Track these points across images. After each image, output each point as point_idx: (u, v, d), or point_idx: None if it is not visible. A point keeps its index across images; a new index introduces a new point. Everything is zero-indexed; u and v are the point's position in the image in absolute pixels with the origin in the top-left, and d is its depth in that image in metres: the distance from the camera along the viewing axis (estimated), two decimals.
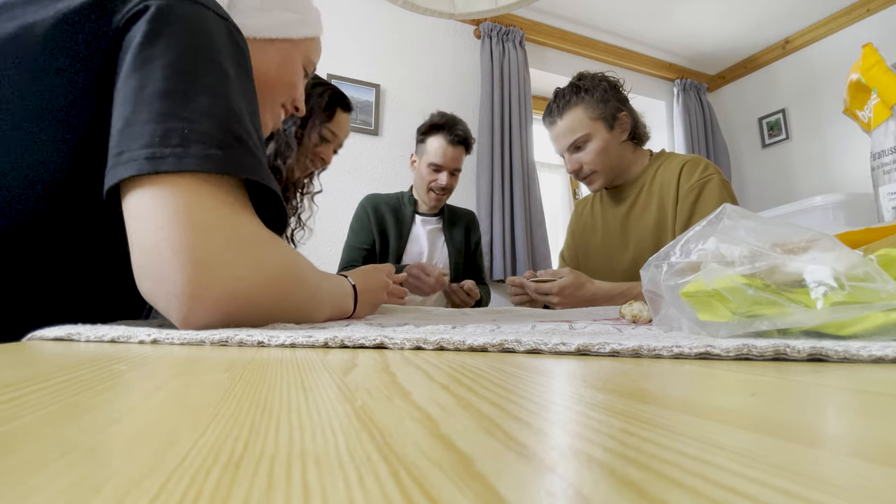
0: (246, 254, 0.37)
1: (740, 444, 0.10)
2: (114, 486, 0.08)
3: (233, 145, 0.37)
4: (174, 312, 0.35)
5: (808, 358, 0.22)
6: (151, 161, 0.34)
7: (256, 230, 0.39)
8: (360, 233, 1.43)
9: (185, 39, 0.39)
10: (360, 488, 0.08)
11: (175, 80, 0.37)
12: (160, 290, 0.35)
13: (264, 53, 0.56)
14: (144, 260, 0.35)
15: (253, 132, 0.41)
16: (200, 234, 0.35)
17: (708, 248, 0.31)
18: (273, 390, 0.16)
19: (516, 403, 0.14)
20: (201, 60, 0.39)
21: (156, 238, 0.34)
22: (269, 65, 0.57)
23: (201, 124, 0.36)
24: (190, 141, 0.35)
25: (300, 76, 0.62)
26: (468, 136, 1.40)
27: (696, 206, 1.01)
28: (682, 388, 0.17)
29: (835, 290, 0.25)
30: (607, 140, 1.10)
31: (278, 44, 0.57)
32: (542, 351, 0.26)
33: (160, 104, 0.36)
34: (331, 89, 1.05)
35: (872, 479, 0.08)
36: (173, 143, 0.35)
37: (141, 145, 0.35)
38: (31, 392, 0.15)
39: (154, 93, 0.36)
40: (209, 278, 0.34)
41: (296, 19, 0.58)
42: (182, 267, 0.34)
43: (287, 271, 0.41)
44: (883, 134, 0.68)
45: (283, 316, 0.40)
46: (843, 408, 0.14)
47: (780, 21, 2.75)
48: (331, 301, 0.49)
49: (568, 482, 0.08)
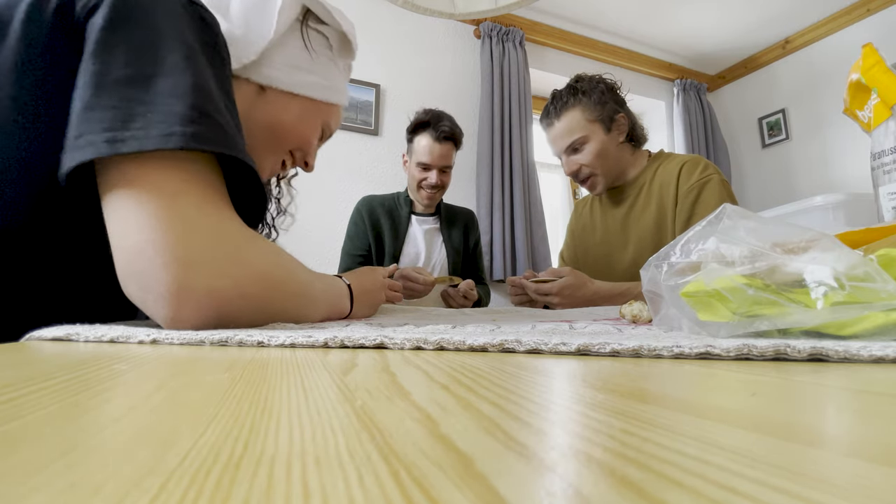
0: (231, 251, 0.37)
1: (740, 444, 0.10)
2: (114, 486, 0.08)
3: (198, 121, 0.36)
4: (161, 312, 0.34)
5: (808, 358, 0.22)
6: (112, 144, 0.33)
7: (239, 227, 0.39)
8: (355, 238, 1.42)
9: (147, 23, 0.39)
10: (360, 488, 0.08)
11: (137, 64, 0.37)
12: (146, 290, 0.34)
13: (286, 105, 0.58)
14: (127, 261, 0.35)
15: (223, 108, 0.40)
16: (183, 233, 0.34)
17: (708, 248, 0.31)
18: (273, 390, 0.16)
19: (516, 403, 0.14)
20: (164, 41, 0.39)
21: (138, 238, 0.34)
22: (288, 115, 0.59)
23: (165, 104, 0.35)
24: (152, 122, 0.35)
25: (316, 135, 0.64)
26: (455, 131, 1.36)
27: (695, 206, 1.01)
28: (683, 388, 0.17)
29: (835, 290, 0.25)
30: (605, 142, 1.10)
31: (301, 100, 0.59)
32: (542, 351, 0.26)
33: (123, 90, 0.35)
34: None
35: (872, 479, 0.08)
36: (136, 126, 0.34)
37: (101, 129, 0.34)
38: (31, 392, 0.15)
39: (117, 78, 0.36)
40: (195, 276, 0.34)
41: (323, 84, 0.61)
42: (166, 265, 0.33)
43: (274, 269, 0.40)
44: (883, 134, 0.68)
45: (274, 315, 0.40)
46: (844, 408, 0.14)
47: (780, 21, 2.75)
48: (325, 300, 0.49)
49: (568, 482, 0.08)
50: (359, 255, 1.40)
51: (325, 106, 0.63)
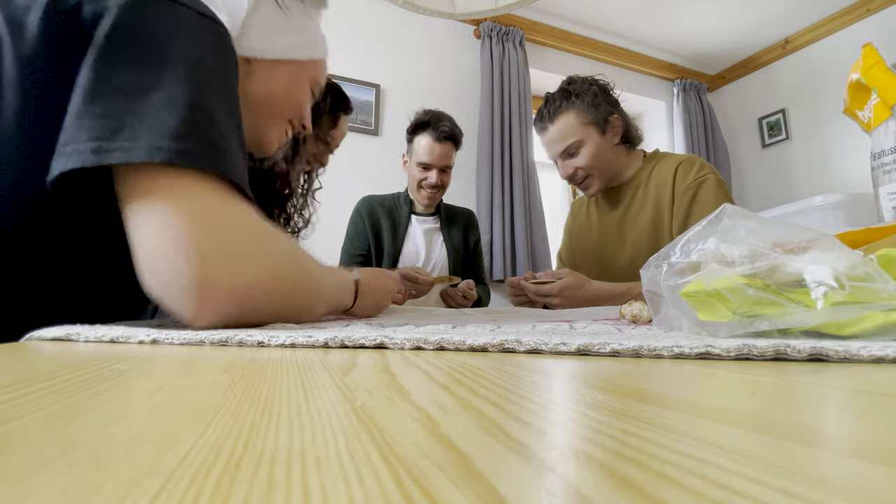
0: (251, 246, 0.37)
1: (740, 444, 0.10)
2: (114, 486, 0.08)
3: (188, 136, 0.36)
4: (184, 309, 0.34)
5: (808, 358, 0.22)
6: (97, 154, 0.33)
7: (259, 222, 0.39)
8: (355, 238, 1.42)
9: (152, 34, 0.39)
10: (360, 488, 0.08)
11: (136, 75, 0.37)
12: (169, 286, 0.34)
13: (273, 74, 0.58)
14: (150, 261, 0.35)
15: (221, 123, 0.40)
16: (204, 229, 0.34)
17: (708, 248, 0.31)
18: (273, 390, 0.16)
19: (516, 403, 0.14)
20: (168, 54, 0.38)
21: (159, 236, 0.34)
22: (278, 84, 0.59)
23: (157, 117, 0.35)
24: (139, 133, 0.34)
25: (307, 96, 0.64)
26: (454, 131, 1.36)
27: (692, 206, 1.01)
28: (683, 388, 0.17)
29: (835, 290, 0.25)
30: (600, 144, 1.10)
31: (286, 65, 0.59)
32: (542, 351, 0.26)
33: (117, 100, 0.35)
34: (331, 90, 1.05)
35: (872, 479, 0.08)
36: (123, 138, 0.34)
37: (89, 137, 0.34)
38: (31, 392, 0.15)
39: (113, 88, 0.36)
40: (218, 273, 0.34)
41: (303, 42, 0.60)
42: (189, 261, 0.34)
43: (291, 265, 0.41)
44: (883, 134, 0.68)
45: (291, 309, 0.40)
46: (844, 408, 0.14)
47: (780, 21, 2.75)
48: (330, 294, 0.49)
49: (568, 482, 0.08)
50: (358, 255, 1.40)
51: (311, 64, 0.62)
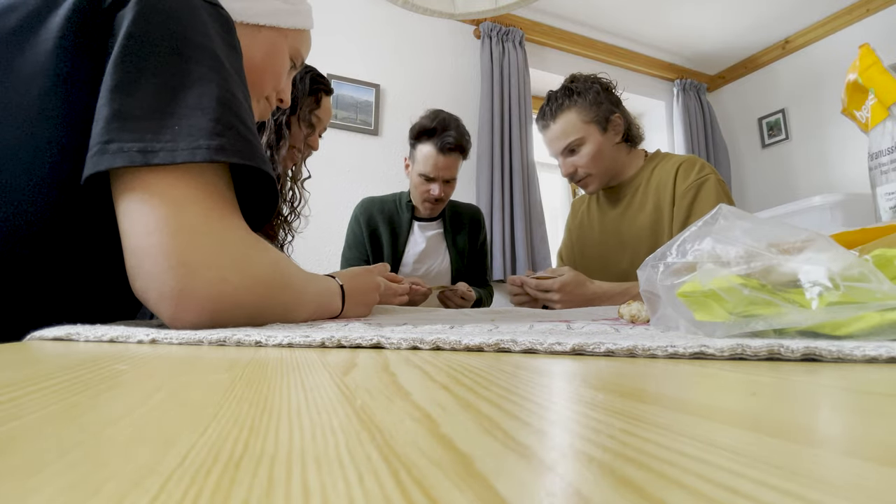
0: (232, 257, 0.38)
1: (740, 444, 0.10)
2: (114, 486, 0.08)
3: (222, 133, 0.38)
4: (164, 311, 0.36)
5: (801, 358, 0.22)
6: (144, 154, 0.35)
7: (243, 234, 0.40)
8: (353, 248, 1.36)
9: (173, 29, 0.40)
10: (360, 488, 0.08)
11: (165, 74, 0.38)
12: (151, 290, 0.36)
13: (252, 39, 0.56)
14: (136, 262, 0.36)
15: (246, 117, 0.42)
16: (189, 238, 0.36)
17: (704, 249, 0.31)
18: (273, 390, 0.16)
19: (516, 403, 0.14)
20: (191, 50, 0.40)
21: (147, 242, 0.35)
22: (256, 51, 0.56)
23: (191, 117, 0.37)
24: (180, 135, 0.36)
25: (286, 67, 0.62)
26: (462, 141, 1.23)
27: (693, 207, 1.01)
28: (681, 388, 0.17)
29: (830, 290, 0.25)
30: (601, 143, 1.10)
31: (266, 31, 0.57)
32: (537, 351, 0.26)
33: (153, 101, 0.37)
34: (309, 72, 1.01)
35: (872, 479, 0.08)
36: (166, 139, 0.36)
37: (134, 138, 0.36)
38: (31, 392, 0.15)
39: (146, 88, 0.37)
40: (197, 280, 0.36)
41: (286, 9, 0.58)
42: (171, 269, 0.35)
43: (272, 276, 0.41)
44: (880, 134, 0.68)
45: (266, 318, 0.41)
46: (841, 407, 0.14)
47: (780, 21, 2.76)
48: (315, 301, 0.49)
49: (568, 482, 0.08)
50: (357, 264, 1.35)
51: (293, 33, 0.60)
